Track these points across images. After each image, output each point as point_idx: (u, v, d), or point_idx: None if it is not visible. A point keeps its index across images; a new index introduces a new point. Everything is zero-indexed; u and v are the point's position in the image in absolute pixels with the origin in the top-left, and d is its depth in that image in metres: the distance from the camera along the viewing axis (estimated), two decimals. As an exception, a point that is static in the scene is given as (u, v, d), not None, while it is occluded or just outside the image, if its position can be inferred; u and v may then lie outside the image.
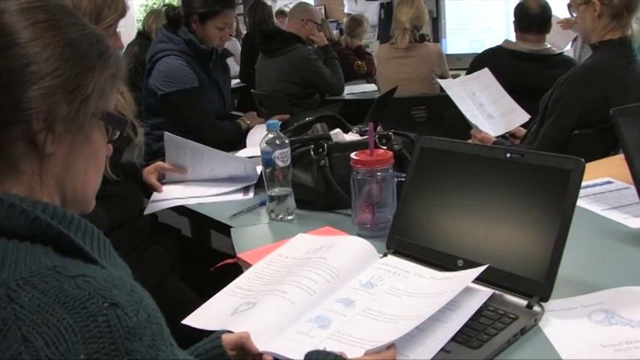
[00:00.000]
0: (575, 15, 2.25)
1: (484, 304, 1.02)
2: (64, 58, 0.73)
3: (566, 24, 3.86)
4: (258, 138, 2.42)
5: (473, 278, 1.03)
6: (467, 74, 2.99)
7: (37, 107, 0.70)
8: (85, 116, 0.75)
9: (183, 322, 1.06)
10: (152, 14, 4.66)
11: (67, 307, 0.59)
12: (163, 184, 2.00)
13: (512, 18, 3.16)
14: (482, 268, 1.05)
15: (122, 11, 1.69)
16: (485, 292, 1.04)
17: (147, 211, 1.80)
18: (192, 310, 1.10)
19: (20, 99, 0.70)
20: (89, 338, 0.58)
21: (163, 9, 2.94)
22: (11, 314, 0.58)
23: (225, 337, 0.94)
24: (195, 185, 1.96)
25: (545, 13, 3.06)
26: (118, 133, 0.85)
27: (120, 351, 0.59)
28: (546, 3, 3.09)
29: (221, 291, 1.15)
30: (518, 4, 3.14)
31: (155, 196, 1.92)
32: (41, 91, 0.70)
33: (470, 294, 1.03)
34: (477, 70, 2.83)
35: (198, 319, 1.07)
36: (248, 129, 2.78)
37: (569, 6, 2.26)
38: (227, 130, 2.77)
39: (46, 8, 0.75)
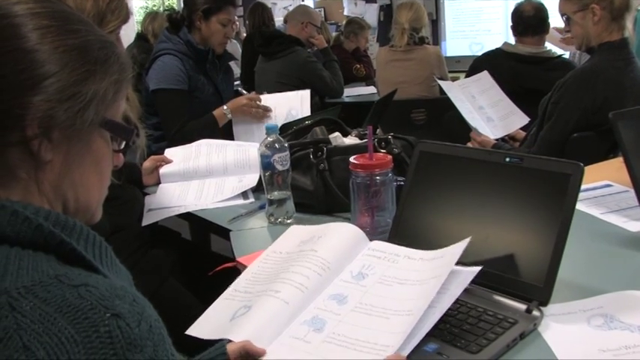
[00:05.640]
0: (567, 22, 2.23)
1: (483, 308, 1.02)
2: (63, 64, 0.71)
3: (567, 41, 3.77)
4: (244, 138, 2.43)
5: (457, 258, 1.01)
6: (466, 77, 2.99)
7: (32, 113, 0.69)
8: (83, 123, 0.73)
9: (187, 332, 1.05)
10: (149, 16, 4.71)
11: (69, 317, 0.59)
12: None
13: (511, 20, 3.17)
14: (465, 243, 1.03)
15: (125, 17, 1.69)
16: (470, 272, 1.01)
17: (144, 222, 1.76)
18: (192, 314, 1.09)
19: (15, 104, 0.69)
20: (90, 349, 0.58)
21: (165, 13, 2.94)
22: (12, 323, 0.58)
23: (229, 346, 0.95)
24: (193, 190, 1.94)
25: (540, 15, 3.05)
26: (124, 142, 0.82)
27: None
28: (541, 4, 3.08)
29: (220, 297, 1.14)
30: (514, 9, 3.14)
31: (151, 204, 1.87)
32: (37, 97, 0.69)
33: (455, 276, 1.01)
34: (476, 73, 2.83)
35: (203, 328, 1.06)
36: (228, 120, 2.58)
37: (563, 14, 2.23)
38: (194, 131, 2.49)
39: (50, 14, 0.74)
